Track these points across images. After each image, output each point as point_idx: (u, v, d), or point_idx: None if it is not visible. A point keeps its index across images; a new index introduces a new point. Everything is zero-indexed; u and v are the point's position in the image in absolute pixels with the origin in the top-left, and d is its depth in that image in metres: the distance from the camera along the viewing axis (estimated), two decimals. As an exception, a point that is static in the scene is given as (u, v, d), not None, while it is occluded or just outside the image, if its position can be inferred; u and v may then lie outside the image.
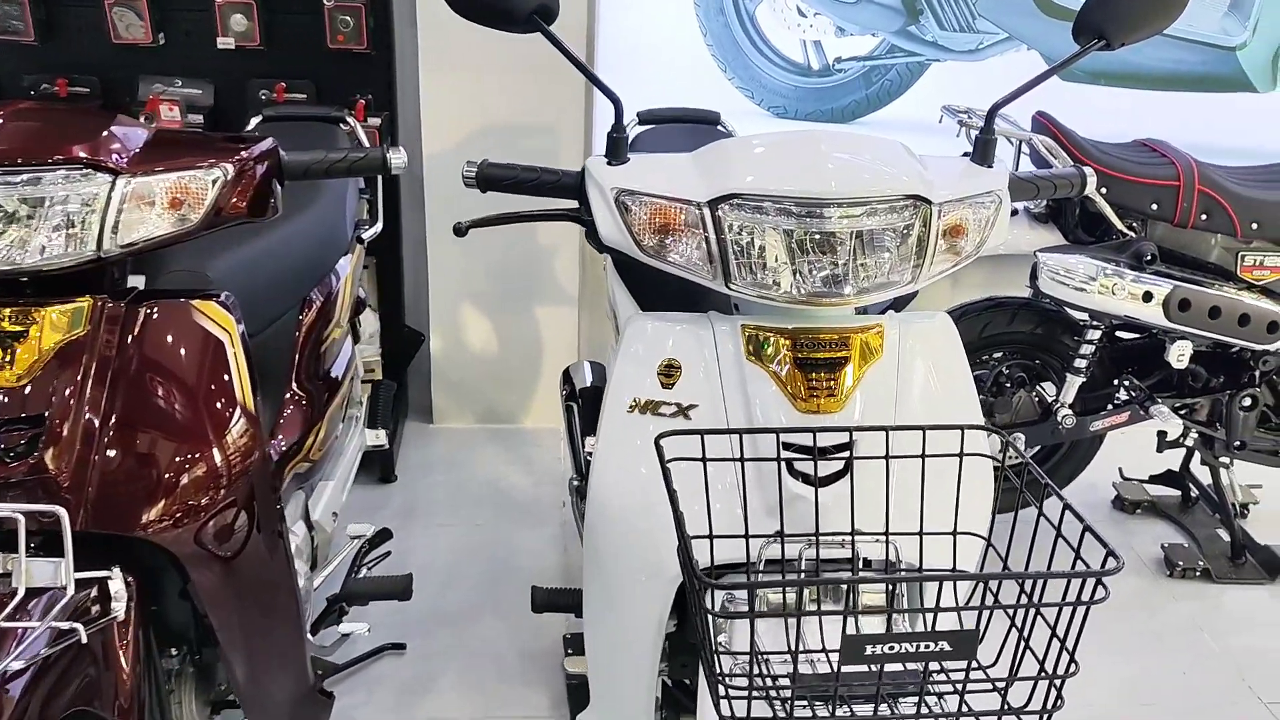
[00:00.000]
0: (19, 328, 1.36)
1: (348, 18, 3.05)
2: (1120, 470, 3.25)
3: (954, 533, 1.31)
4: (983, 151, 1.51)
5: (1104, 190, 2.58)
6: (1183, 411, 2.79)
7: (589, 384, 2.68)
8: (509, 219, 1.55)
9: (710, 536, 1.29)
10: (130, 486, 1.41)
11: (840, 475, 1.39)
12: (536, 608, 2.14)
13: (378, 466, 3.17)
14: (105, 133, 1.39)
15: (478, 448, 3.46)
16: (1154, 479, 3.21)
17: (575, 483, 2.34)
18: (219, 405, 1.49)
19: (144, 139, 1.43)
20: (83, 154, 1.35)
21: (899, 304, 1.66)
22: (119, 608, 1.40)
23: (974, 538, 1.32)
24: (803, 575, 1.33)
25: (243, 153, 1.47)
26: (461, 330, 3.46)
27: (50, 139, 1.36)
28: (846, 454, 1.35)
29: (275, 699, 1.72)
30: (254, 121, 2.57)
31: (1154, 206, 2.59)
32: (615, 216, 1.43)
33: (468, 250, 3.33)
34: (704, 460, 1.27)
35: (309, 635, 2.08)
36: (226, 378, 1.50)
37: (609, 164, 1.47)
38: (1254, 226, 2.61)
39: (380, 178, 2.72)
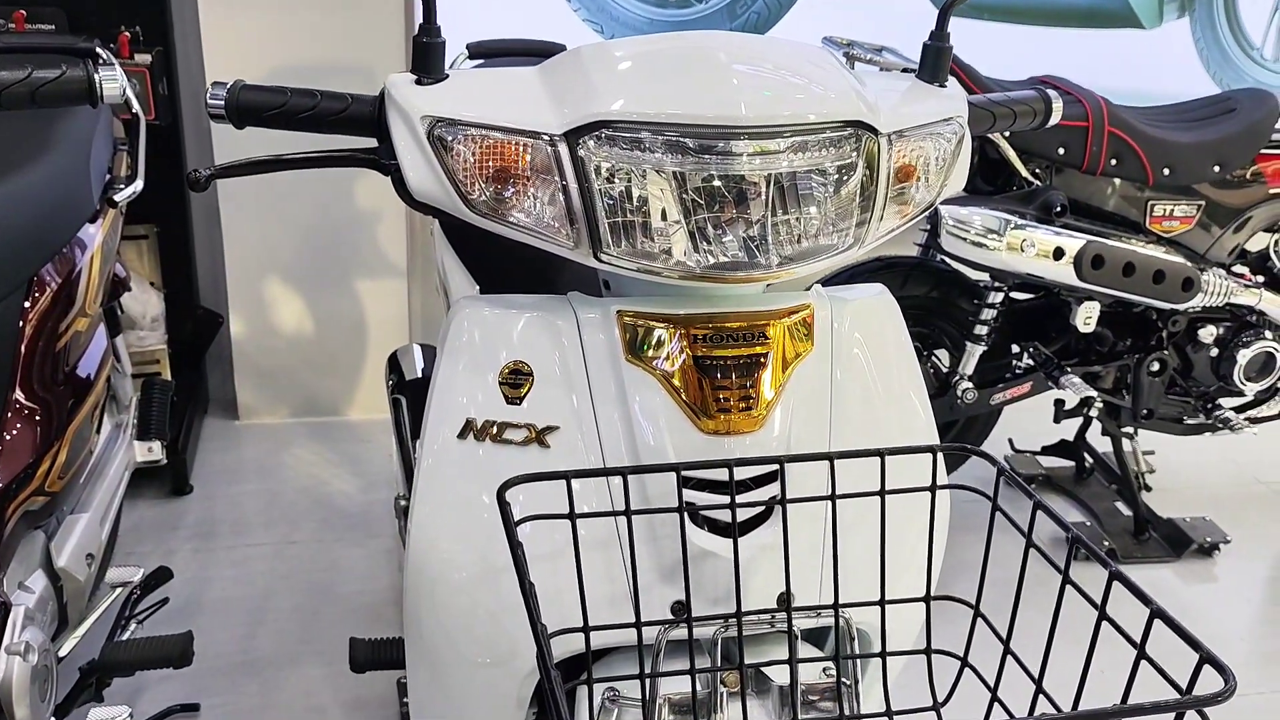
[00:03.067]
0: None
1: (103, -72, 2.47)
2: (1011, 442, 2.99)
3: (928, 598, 0.93)
4: (934, 64, 1.12)
5: (1007, 133, 2.25)
6: (1086, 378, 2.52)
7: (420, 374, 2.22)
8: (270, 165, 1.08)
9: (585, 629, 0.87)
10: None
11: (763, 518, 0.99)
12: (357, 666, 1.68)
13: (168, 478, 2.64)
14: None
15: (293, 447, 2.94)
16: (1047, 450, 2.97)
17: (402, 501, 1.88)
18: None
19: None
20: None
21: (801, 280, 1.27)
22: None
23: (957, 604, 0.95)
24: (718, 671, 0.93)
25: None
26: (268, 310, 2.92)
27: None
28: (774, 490, 0.95)
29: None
30: None
31: (1061, 151, 2.29)
32: (430, 158, 0.98)
33: (271, 216, 2.80)
34: (572, 516, 0.85)
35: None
36: None
37: (418, 82, 1.01)
38: (1165, 173, 2.35)
39: (142, 124, 2.18)
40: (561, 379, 1.01)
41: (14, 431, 1.55)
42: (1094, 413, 2.62)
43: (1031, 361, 2.52)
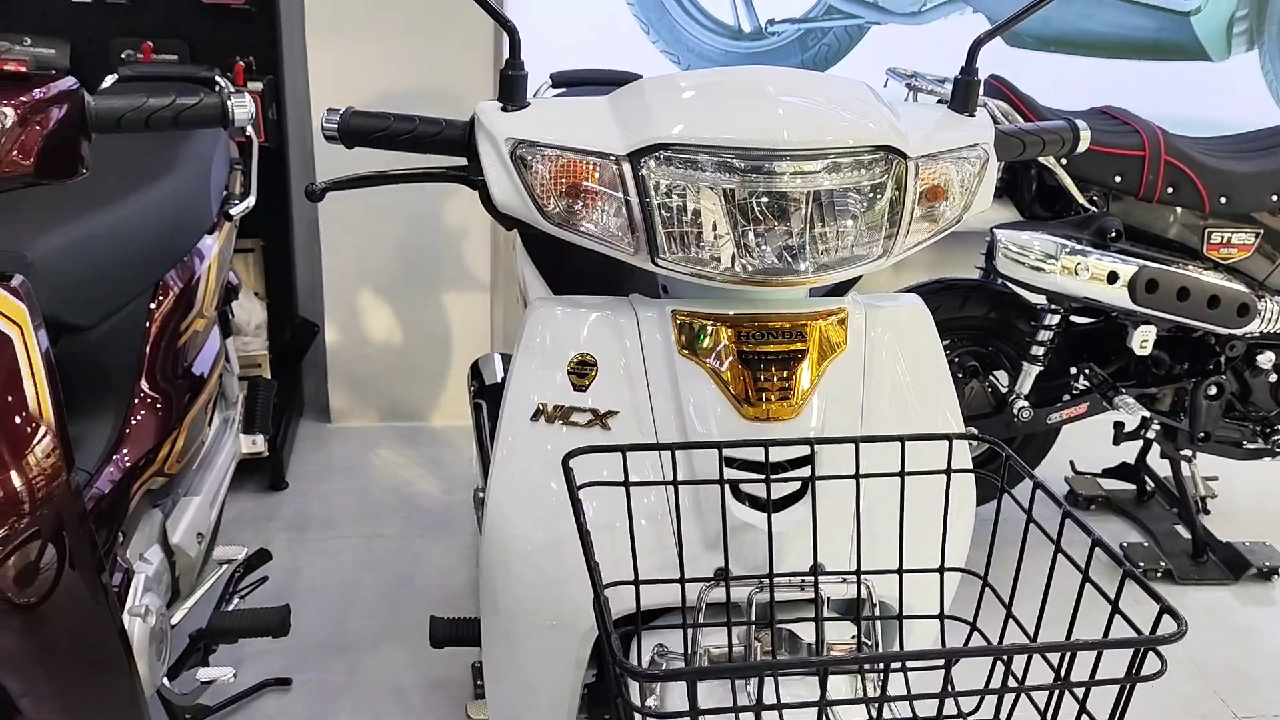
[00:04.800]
0: None
1: (224, -33, 2.70)
2: (1072, 464, 3.05)
3: (941, 569, 1.04)
4: (964, 96, 1.24)
5: (1064, 161, 2.35)
6: (1143, 401, 2.58)
7: (500, 379, 2.38)
8: (376, 180, 1.24)
9: (636, 582, 1.01)
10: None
11: (798, 497, 1.11)
12: (436, 642, 1.84)
13: (266, 473, 2.84)
14: None
15: (380, 449, 3.13)
16: (1108, 473, 3.02)
17: (481, 494, 2.04)
18: (9, 418, 1.17)
19: (-109, 73, 1.10)
20: None
21: (841, 287, 1.39)
22: None
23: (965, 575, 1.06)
24: (752, 625, 1.05)
25: (34, 93, 1.14)
26: (360, 320, 3.12)
27: None
28: (806, 471, 1.08)
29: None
30: (108, 81, 2.21)
31: (1118, 179, 2.37)
32: (512, 174, 1.13)
33: (366, 232, 3.00)
34: (626, 484, 0.99)
35: (166, 680, 1.76)
36: (16, 384, 1.18)
37: (503, 109, 1.16)
38: (1222, 201, 2.41)
39: (255, 146, 2.39)
40: (622, 370, 1.15)
41: (139, 417, 1.73)
42: (1152, 435, 2.67)
43: (1088, 383, 2.59)
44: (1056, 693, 0.82)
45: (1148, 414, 2.56)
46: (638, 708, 0.79)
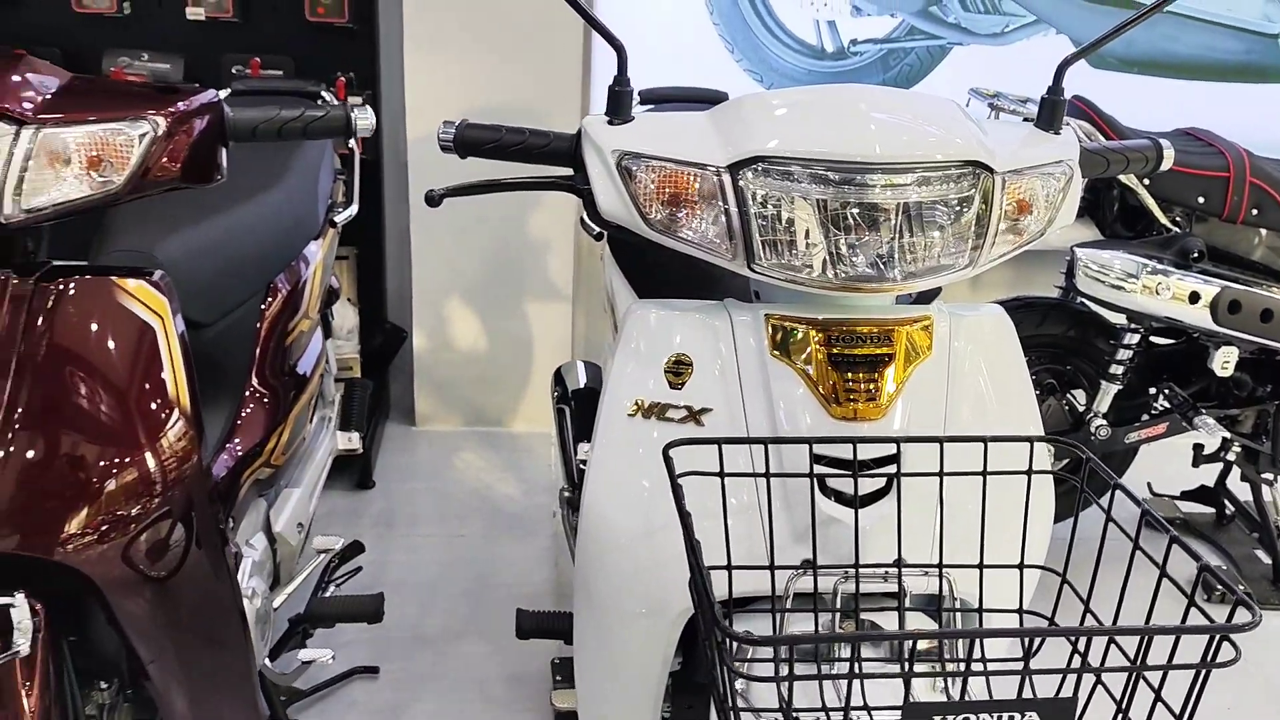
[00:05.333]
0: (-97, 307, 1.14)
1: (329, -12, 2.83)
2: (1150, 486, 3.03)
3: (1020, 565, 1.09)
4: (1050, 115, 1.29)
5: (1147, 181, 2.36)
6: (1224, 422, 2.57)
7: (582, 385, 2.46)
8: (490, 187, 1.33)
9: (729, 567, 1.07)
10: (38, 498, 1.19)
11: (881, 494, 1.17)
12: (522, 633, 1.92)
13: (355, 472, 2.95)
14: (11, 76, 1.17)
15: (463, 452, 3.23)
16: (1186, 495, 3.00)
17: (566, 493, 2.11)
18: (148, 403, 1.27)
19: (57, 85, 1.21)
20: (-20, 100, 1.13)
21: (925, 295, 1.44)
22: (22, 641, 1.18)
23: (1043, 572, 1.10)
24: (838, 613, 1.11)
25: (179, 104, 1.24)
26: (447, 327, 3.23)
27: (-61, 82, 1.13)
28: (891, 469, 1.13)
29: (222, 734, 1.50)
30: (222, 95, 2.34)
31: (1201, 200, 2.38)
32: (617, 184, 1.21)
33: (454, 242, 3.11)
34: (721, 475, 1.05)
35: (267, 661, 1.86)
36: (157, 371, 1.28)
37: (610, 123, 1.24)
38: (1308, 223, 2.40)
39: (357, 158, 2.50)
40: (716, 369, 1.22)
41: (249, 411, 1.84)
42: (1232, 457, 2.66)
43: (1167, 403, 2.59)
44: (1132, 679, 0.86)
45: (1228, 436, 2.55)
46: (736, 671, 0.84)
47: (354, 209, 2.41)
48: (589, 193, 1.25)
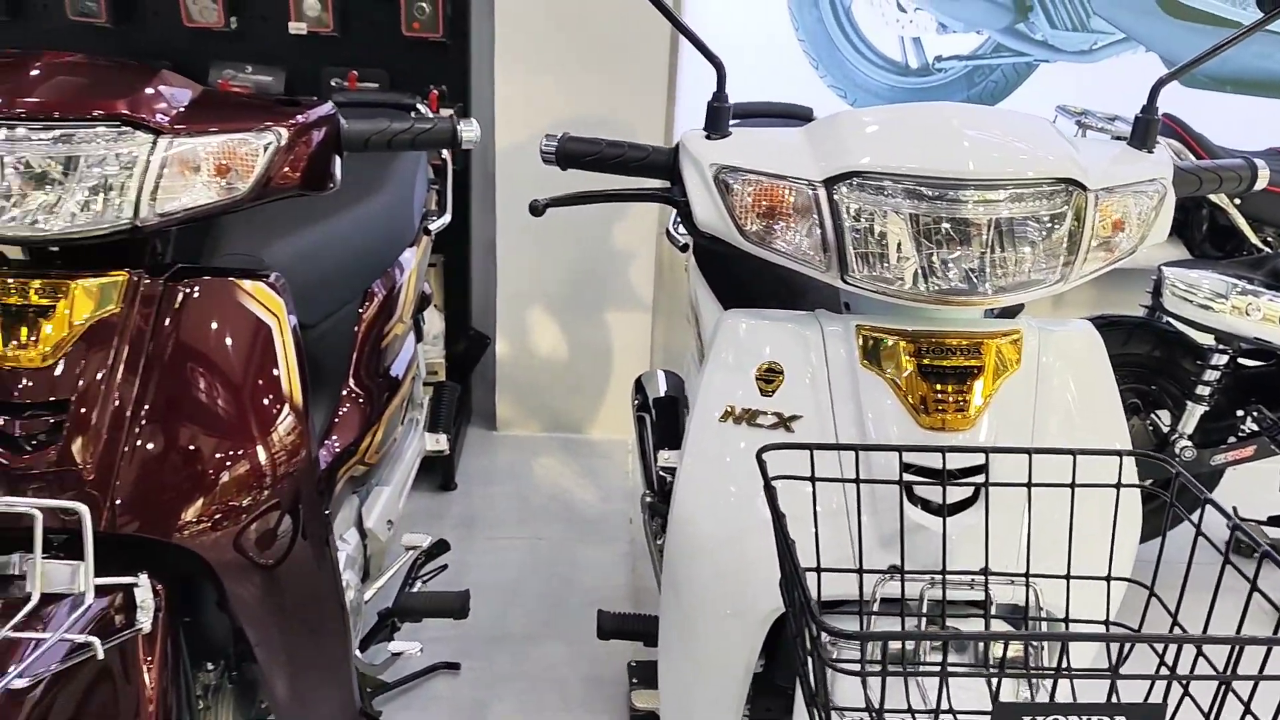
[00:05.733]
0: (47, 302, 1.22)
1: (424, 4, 2.92)
2: (1235, 510, 2.97)
3: (1108, 578, 1.10)
4: (1143, 134, 1.30)
5: (1238, 201, 2.34)
6: (1315, 447, 2.53)
7: (663, 394, 2.51)
8: (591, 198, 1.38)
9: (818, 569, 1.10)
10: (161, 485, 1.26)
11: (966, 504, 1.19)
12: (603, 634, 1.96)
13: (438, 474, 3.03)
14: (148, 89, 1.25)
15: (542, 457, 3.30)
16: (1273, 520, 2.94)
17: (648, 498, 2.16)
18: (263, 398, 1.34)
19: (189, 97, 1.28)
20: (123, 110, 1.21)
21: (1012, 309, 1.46)
22: (145, 618, 1.25)
23: (1129, 588, 1.11)
24: (924, 618, 1.13)
25: (298, 117, 1.31)
26: (529, 334, 3.30)
27: (87, 93, 1.22)
28: (978, 479, 1.15)
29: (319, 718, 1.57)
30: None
31: (1294, 219, 2.35)
32: (714, 197, 1.25)
33: (538, 252, 3.18)
34: (813, 479, 1.08)
35: (358, 652, 1.92)
36: (273, 368, 1.35)
37: (708, 138, 1.29)
38: (1406, 245, 2.36)
39: (449, 168, 2.58)
40: (807, 378, 1.25)
41: (346, 410, 1.91)
42: (1323, 482, 2.61)
43: (1256, 425, 2.55)
44: (1221, 690, 0.88)
45: (1318, 460, 2.50)
46: (831, 664, 0.87)
47: (447, 218, 2.49)
48: (685, 204, 1.29)
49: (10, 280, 1.23)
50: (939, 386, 1.19)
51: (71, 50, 1.33)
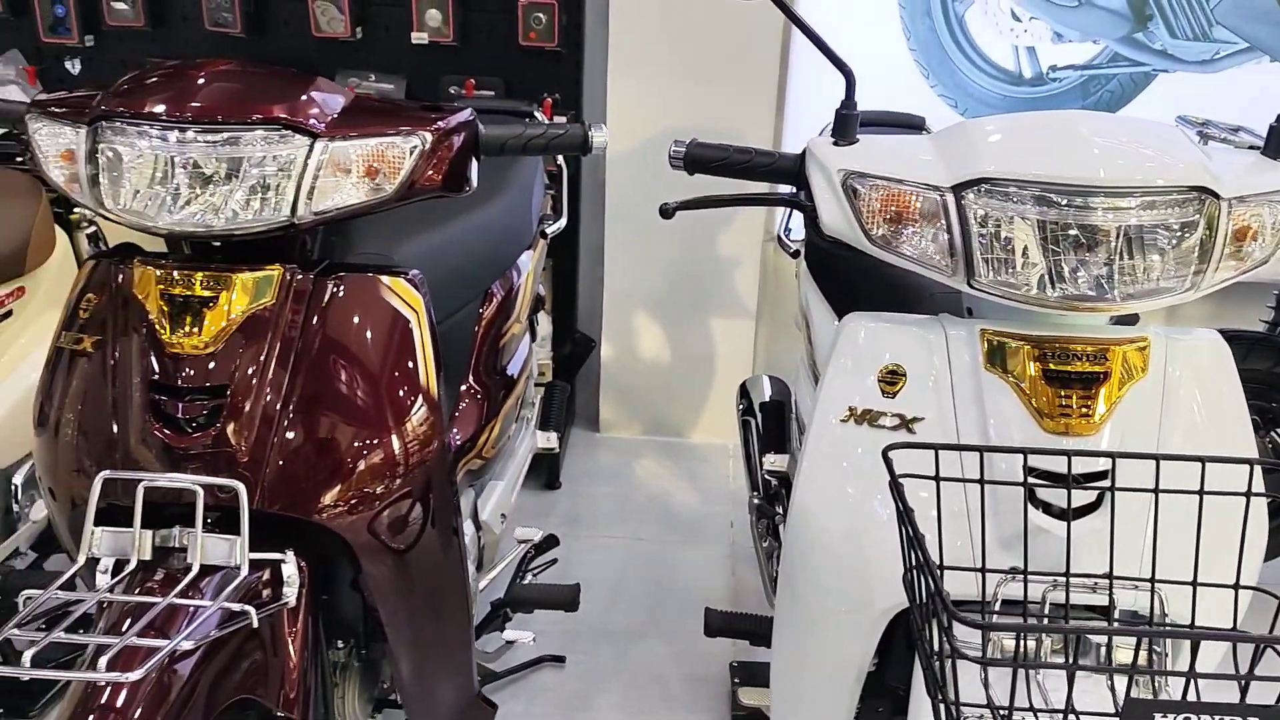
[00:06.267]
0: (209, 293, 1.31)
1: (541, 15, 3.00)
2: (1358, 533, 2.88)
3: (1236, 586, 1.10)
4: (1278, 143, 1.29)
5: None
6: None
7: (768, 398, 2.53)
8: (720, 201, 1.42)
9: (941, 567, 1.12)
10: (307, 468, 1.34)
11: (1091, 508, 1.20)
12: (710, 631, 2.00)
13: (543, 472, 3.09)
14: (305, 95, 1.33)
15: (643, 459, 3.34)
16: (1400, 545, 2.84)
17: (755, 501, 2.19)
18: (402, 390, 1.41)
19: (343, 103, 1.36)
20: (282, 115, 1.29)
21: (1132, 315, 1.45)
22: (290, 593, 1.33)
23: (1257, 593, 1.11)
24: (1045, 618, 1.14)
25: (441, 122, 1.38)
26: (633, 338, 3.36)
27: (250, 99, 1.30)
28: (1102, 484, 1.16)
29: (439, 701, 1.63)
30: None
31: None
32: (842, 202, 1.28)
33: (645, 257, 3.23)
34: (937, 479, 1.10)
35: (473, 639, 1.99)
36: (411, 361, 1.42)
37: (835, 144, 1.32)
38: None
39: (565, 174, 2.65)
40: (929, 381, 1.27)
41: (465, 405, 1.98)
42: None
43: (1383, 445, 2.47)
44: (1358, 698, 0.87)
45: None
46: (961, 654, 0.90)
47: (563, 222, 2.56)
48: (811, 209, 1.32)
49: (176, 273, 1.32)
50: (1063, 391, 1.20)
51: (213, 59, 1.42)
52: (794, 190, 1.38)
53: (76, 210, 2.29)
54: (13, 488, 2.10)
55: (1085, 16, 2.95)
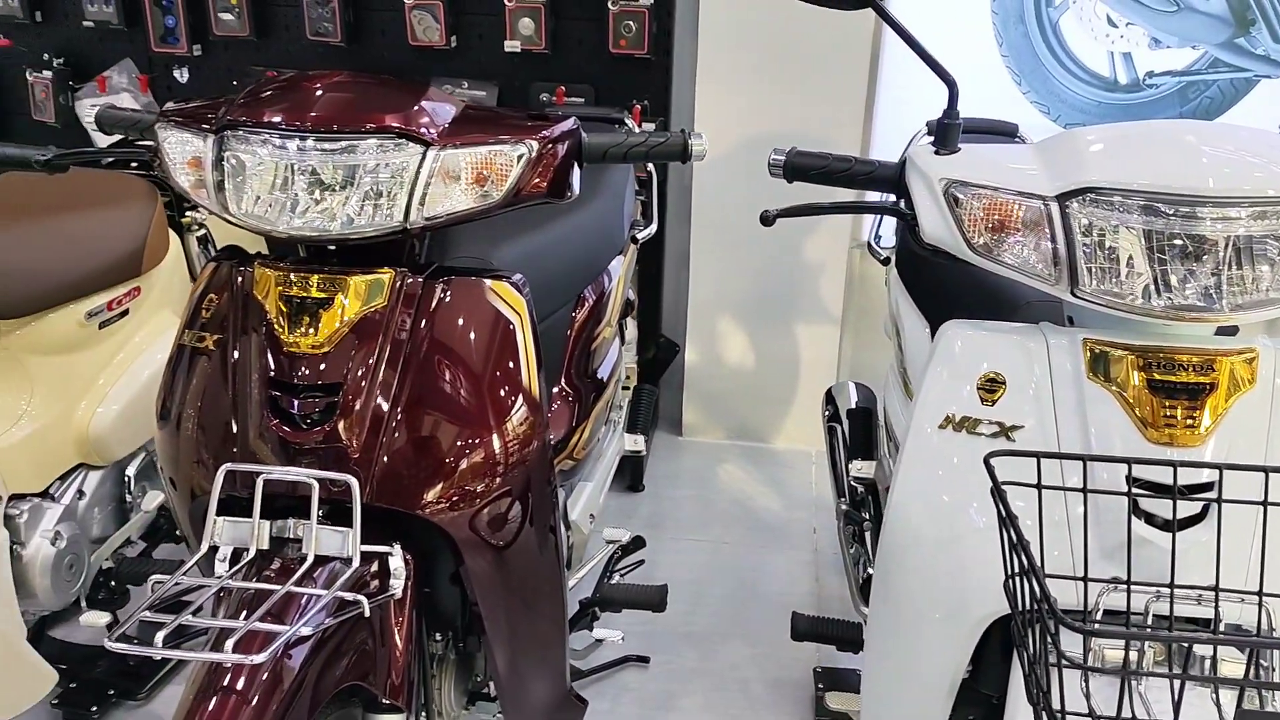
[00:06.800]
0: (325, 295, 1.36)
1: (631, 22, 3.04)
2: None
3: (1348, 601, 1.09)
4: (1390, 152, 1.27)
5: None
6: None
7: (855, 405, 2.53)
8: (821, 209, 1.44)
9: (1042, 575, 1.12)
10: (414, 464, 1.38)
11: (1196, 520, 1.19)
12: (797, 635, 2.01)
13: (626, 475, 3.13)
14: (418, 105, 1.37)
15: (726, 464, 3.36)
16: None
17: (844, 507, 2.19)
18: (505, 390, 1.45)
19: (453, 113, 1.41)
20: (397, 124, 1.33)
21: (1224, 329, 1.43)
22: (397, 585, 1.38)
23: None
24: (1149, 629, 1.14)
25: (546, 131, 1.42)
26: (718, 343, 3.38)
27: (366, 109, 1.35)
28: (1210, 495, 1.15)
29: (532, 696, 1.67)
30: None
31: None
32: (943, 209, 1.29)
33: (730, 262, 3.25)
34: (1039, 487, 1.11)
35: (561, 637, 2.02)
36: (514, 363, 1.46)
37: (936, 153, 1.33)
38: None
39: (654, 180, 2.68)
40: (1030, 389, 1.27)
41: (557, 407, 2.02)
42: None
43: None
44: None
45: None
46: (1068, 661, 0.90)
47: (654, 227, 2.59)
48: (912, 216, 1.33)
49: (293, 275, 1.37)
50: (1168, 402, 1.19)
51: (314, 66, 1.47)
52: (894, 198, 1.39)
53: (188, 214, 2.39)
54: (126, 479, 2.19)
55: (1184, 21, 2.89)
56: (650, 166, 2.70)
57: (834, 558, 2.85)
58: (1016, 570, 1.02)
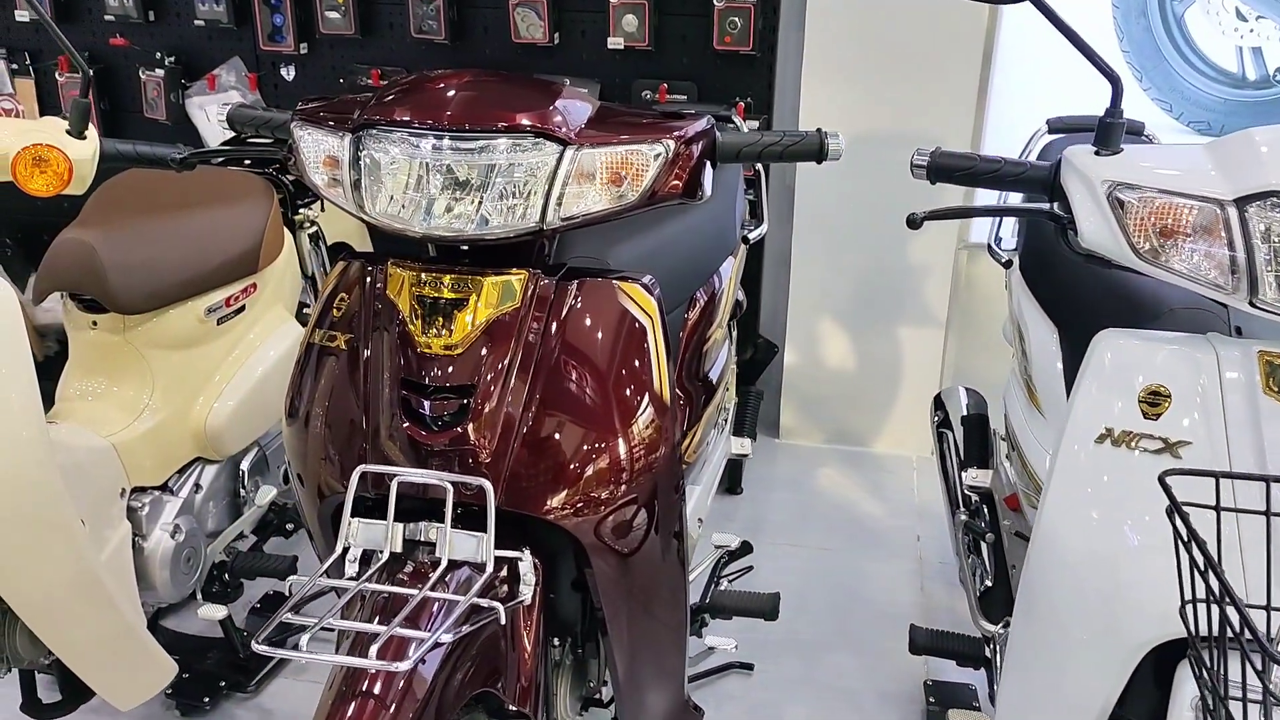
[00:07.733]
0: (459, 295, 1.34)
1: (736, 19, 3.00)
2: None
3: None
4: None
5: None
6: None
7: (967, 412, 2.46)
8: (969, 212, 1.38)
9: (1220, 601, 1.06)
10: (544, 469, 1.36)
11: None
12: (916, 649, 1.95)
13: (726, 477, 3.08)
14: (554, 104, 1.35)
15: (824, 468, 3.30)
16: None
17: (962, 518, 2.12)
18: (635, 395, 1.42)
19: (589, 112, 1.38)
20: (534, 123, 1.31)
21: None
22: (527, 590, 1.36)
23: None
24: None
25: (681, 130, 1.39)
26: (817, 345, 3.32)
27: (500, 107, 1.33)
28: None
29: (650, 703, 1.64)
30: None
31: None
32: (1106, 213, 1.23)
33: (832, 263, 3.19)
34: (1218, 509, 1.04)
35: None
36: (644, 367, 1.43)
37: (1097, 154, 1.26)
38: None
39: (763, 179, 2.64)
40: (1198, 403, 1.20)
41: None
42: None
43: None
44: None
45: None
46: (1275, 694, 0.84)
47: (765, 227, 2.55)
48: (1068, 220, 1.27)
49: (425, 275, 1.36)
50: (1354, 421, 1.12)
51: (419, 64, 1.45)
52: (1048, 201, 1.33)
53: (300, 211, 2.40)
54: (240, 474, 2.22)
55: (1320, 14, 2.76)
56: (759, 165, 2.65)
57: (940, 567, 2.78)
58: (1200, 596, 0.96)
